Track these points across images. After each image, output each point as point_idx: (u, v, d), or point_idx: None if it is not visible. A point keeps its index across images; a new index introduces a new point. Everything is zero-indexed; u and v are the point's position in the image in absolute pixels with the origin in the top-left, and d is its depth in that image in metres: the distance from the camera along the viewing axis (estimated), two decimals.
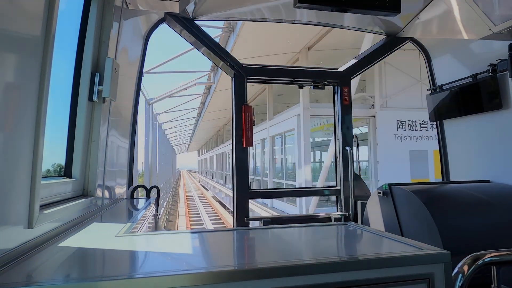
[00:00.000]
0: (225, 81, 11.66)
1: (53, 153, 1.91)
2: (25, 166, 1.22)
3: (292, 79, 3.70)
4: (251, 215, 3.54)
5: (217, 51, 3.41)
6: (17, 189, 1.17)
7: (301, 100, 11.22)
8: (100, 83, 2.07)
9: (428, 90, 3.73)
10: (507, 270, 1.47)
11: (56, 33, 1.37)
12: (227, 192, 20.46)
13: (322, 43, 11.27)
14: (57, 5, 1.35)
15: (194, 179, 68.41)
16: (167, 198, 18.66)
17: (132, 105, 3.09)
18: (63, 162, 1.99)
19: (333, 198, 4.03)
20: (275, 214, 11.81)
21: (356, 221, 3.59)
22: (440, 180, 3.76)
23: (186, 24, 3.23)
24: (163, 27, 3.25)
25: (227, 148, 25.33)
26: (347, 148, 3.69)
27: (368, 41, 7.82)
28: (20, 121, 1.19)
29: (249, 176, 3.49)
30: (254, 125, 3.50)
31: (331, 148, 9.41)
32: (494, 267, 1.42)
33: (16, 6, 1.12)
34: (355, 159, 3.73)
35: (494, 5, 2.52)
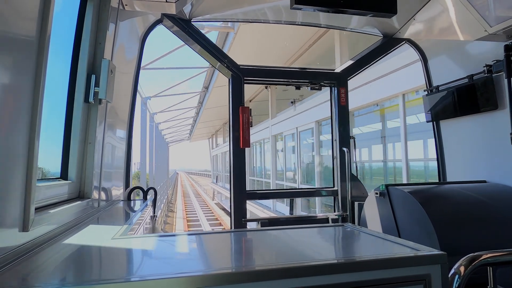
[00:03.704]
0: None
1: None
2: (20, 168, 1.21)
3: (289, 80, 3.71)
4: None
5: (214, 52, 3.40)
6: (12, 192, 1.16)
7: None
8: (96, 84, 2.06)
9: (424, 91, 3.74)
10: (503, 271, 1.47)
11: (51, 34, 1.36)
12: None
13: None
14: (53, 6, 1.34)
15: (201, 191, 39.04)
16: None
17: (129, 107, 3.08)
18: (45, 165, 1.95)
19: None
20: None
21: (353, 222, 3.59)
22: (437, 181, 3.77)
23: (183, 25, 3.23)
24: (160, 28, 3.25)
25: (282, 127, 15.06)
26: (344, 149, 3.70)
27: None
28: (16, 123, 1.18)
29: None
30: (251, 126, 3.50)
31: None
32: (491, 268, 1.43)
33: (10, 7, 1.12)
34: (353, 159, 3.74)
35: (490, 6, 2.53)
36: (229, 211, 3.50)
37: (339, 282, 1.10)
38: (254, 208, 15.70)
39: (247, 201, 3.50)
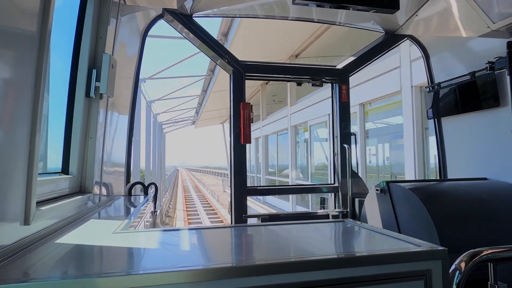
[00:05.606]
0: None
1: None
2: (21, 162, 1.21)
3: (290, 76, 3.70)
4: None
5: (215, 48, 3.39)
6: (13, 186, 1.16)
7: None
8: (97, 79, 2.05)
9: (426, 87, 3.73)
10: (504, 267, 1.47)
11: (52, 29, 1.35)
12: None
13: (310, 49, 10.91)
14: (54, 0, 1.34)
15: (211, 199, 27.11)
16: None
17: (130, 101, 3.07)
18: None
19: None
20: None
21: (353, 218, 3.60)
22: (437, 178, 3.77)
23: (184, 20, 3.22)
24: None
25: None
26: (345, 145, 3.70)
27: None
28: (17, 117, 1.18)
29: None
30: (253, 122, 3.50)
31: None
32: (491, 264, 1.43)
33: (11, 1, 1.11)
34: (353, 156, 3.74)
35: (493, 2, 2.52)
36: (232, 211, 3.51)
37: (339, 277, 1.11)
38: (253, 204, 15.72)
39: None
